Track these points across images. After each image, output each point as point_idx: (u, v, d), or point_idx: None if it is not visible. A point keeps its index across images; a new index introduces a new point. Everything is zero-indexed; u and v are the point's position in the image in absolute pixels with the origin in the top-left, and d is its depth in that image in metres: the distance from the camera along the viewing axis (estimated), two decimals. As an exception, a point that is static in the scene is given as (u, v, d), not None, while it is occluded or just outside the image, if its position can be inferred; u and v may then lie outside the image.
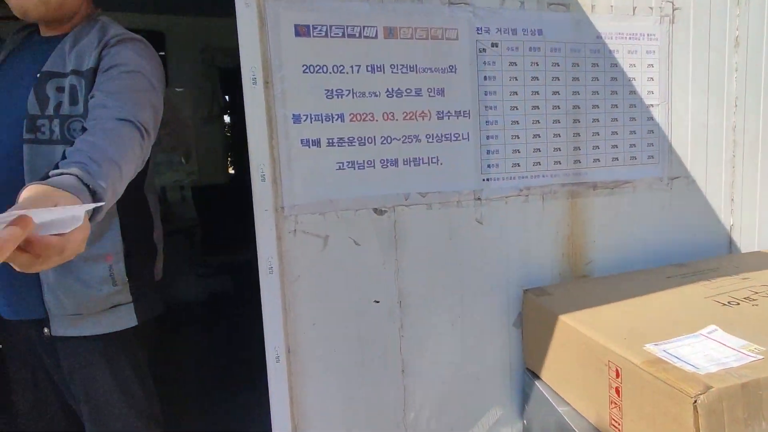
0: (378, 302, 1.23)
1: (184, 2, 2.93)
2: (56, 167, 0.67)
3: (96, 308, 1.01)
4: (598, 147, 1.41)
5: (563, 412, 1.12)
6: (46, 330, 0.99)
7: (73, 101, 0.93)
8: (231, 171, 3.81)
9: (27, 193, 0.55)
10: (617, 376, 0.95)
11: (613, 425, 0.97)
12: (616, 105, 1.42)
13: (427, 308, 1.28)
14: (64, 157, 0.72)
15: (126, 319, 1.07)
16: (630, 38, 1.41)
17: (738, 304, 1.10)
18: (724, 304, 1.11)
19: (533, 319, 1.29)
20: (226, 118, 3.62)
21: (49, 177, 0.64)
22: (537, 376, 1.28)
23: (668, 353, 0.91)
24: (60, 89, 0.93)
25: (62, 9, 1.00)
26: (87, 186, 0.64)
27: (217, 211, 3.29)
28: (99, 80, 0.93)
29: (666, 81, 1.46)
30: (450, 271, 1.29)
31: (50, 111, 0.93)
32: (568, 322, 1.12)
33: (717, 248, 1.59)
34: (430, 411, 1.30)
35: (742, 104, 1.56)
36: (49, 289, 0.98)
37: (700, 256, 1.51)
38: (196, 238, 3.26)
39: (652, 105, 1.46)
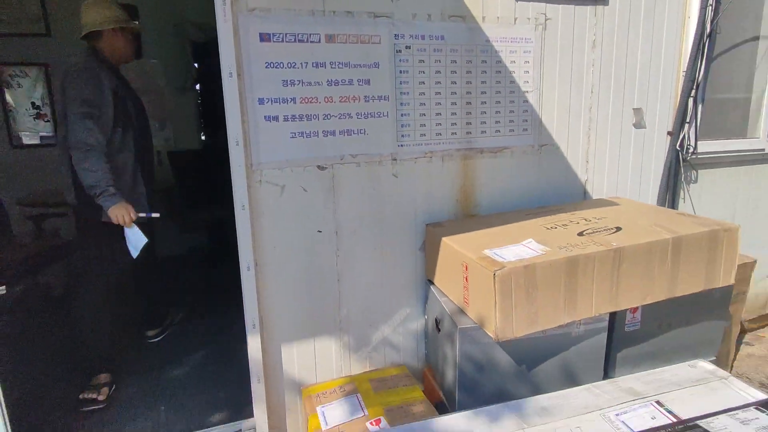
0: (321, 232, 1.76)
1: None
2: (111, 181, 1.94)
3: None
4: (485, 122, 1.93)
5: (443, 302, 1.70)
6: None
7: None
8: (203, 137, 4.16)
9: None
10: (466, 270, 1.53)
11: (465, 301, 1.56)
12: (500, 91, 1.93)
13: (356, 237, 1.81)
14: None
15: None
16: (511, 41, 1.91)
17: (556, 228, 1.69)
18: (548, 228, 1.69)
19: (431, 244, 1.85)
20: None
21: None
22: (432, 283, 1.86)
23: (495, 254, 1.48)
24: None
25: None
26: None
27: (192, 174, 3.69)
28: None
29: (538, 73, 1.98)
30: (373, 211, 1.82)
31: None
32: (447, 242, 1.68)
33: (575, 197, 2.18)
34: (357, 309, 1.87)
35: (597, 91, 2.11)
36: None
37: (561, 203, 2.10)
38: (174, 198, 3.69)
39: (527, 91, 1.98)
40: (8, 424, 1.48)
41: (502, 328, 1.40)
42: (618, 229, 1.65)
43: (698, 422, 1.30)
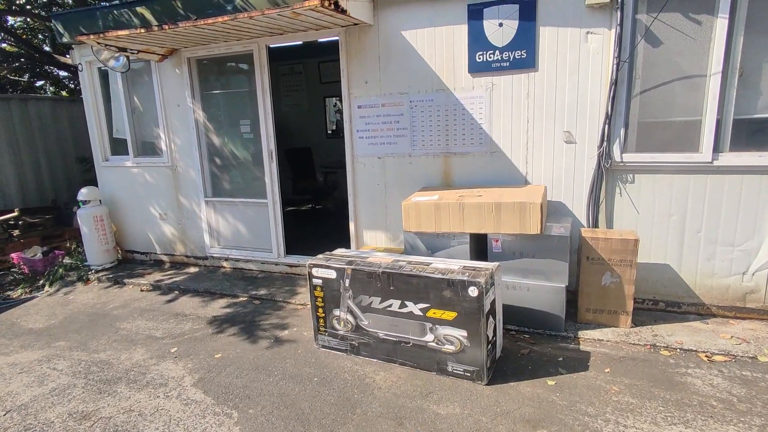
0: (378, 185, 4.21)
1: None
2: None
3: None
4: (456, 139, 3.84)
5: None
6: None
7: None
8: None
9: None
10: (407, 208, 3.69)
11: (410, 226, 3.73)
12: (465, 123, 3.79)
13: (393, 188, 4.16)
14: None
15: None
16: (472, 98, 3.72)
17: (462, 197, 3.54)
18: (457, 193, 3.57)
19: (417, 196, 3.98)
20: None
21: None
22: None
23: (415, 198, 3.58)
24: None
25: None
26: None
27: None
28: None
29: (489, 113, 3.69)
30: (401, 177, 4.11)
31: None
32: (411, 198, 3.83)
33: (518, 183, 3.72)
34: (392, 221, 4.22)
35: (532, 121, 3.58)
36: None
37: (505, 185, 3.73)
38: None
39: (482, 122, 3.73)
40: (283, 243, 4.74)
41: (406, 226, 3.54)
42: (480, 196, 3.38)
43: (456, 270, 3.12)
